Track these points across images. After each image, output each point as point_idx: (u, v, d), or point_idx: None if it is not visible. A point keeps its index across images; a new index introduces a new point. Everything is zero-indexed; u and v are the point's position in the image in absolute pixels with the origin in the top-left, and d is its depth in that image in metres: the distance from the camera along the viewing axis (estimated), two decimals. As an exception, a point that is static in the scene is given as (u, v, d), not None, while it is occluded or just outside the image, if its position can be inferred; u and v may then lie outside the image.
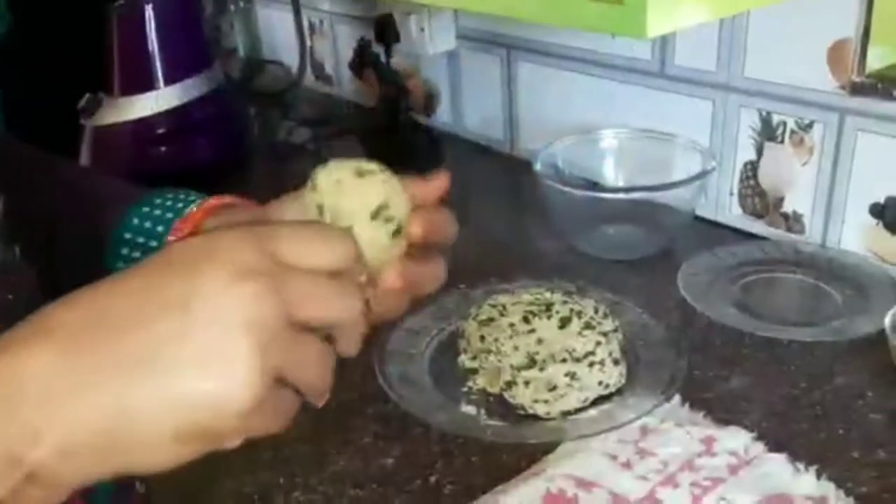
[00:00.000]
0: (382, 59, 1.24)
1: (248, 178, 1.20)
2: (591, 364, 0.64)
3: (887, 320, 0.65)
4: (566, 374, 0.64)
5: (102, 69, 1.13)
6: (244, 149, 1.25)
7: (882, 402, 0.64)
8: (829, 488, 0.55)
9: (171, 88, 1.13)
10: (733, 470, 0.57)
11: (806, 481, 0.56)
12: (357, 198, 0.37)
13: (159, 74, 1.12)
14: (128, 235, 0.48)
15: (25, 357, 0.29)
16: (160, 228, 0.47)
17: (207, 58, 1.18)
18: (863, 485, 0.56)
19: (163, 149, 1.14)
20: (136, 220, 0.48)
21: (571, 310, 0.68)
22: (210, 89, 1.15)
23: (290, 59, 1.51)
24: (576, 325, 0.67)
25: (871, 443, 0.60)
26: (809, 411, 0.63)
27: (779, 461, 0.58)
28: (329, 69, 1.45)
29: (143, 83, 1.12)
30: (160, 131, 1.13)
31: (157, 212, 0.48)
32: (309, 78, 1.49)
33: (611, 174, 0.94)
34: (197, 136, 1.16)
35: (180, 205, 0.48)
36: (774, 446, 0.59)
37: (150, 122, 1.12)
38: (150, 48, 1.11)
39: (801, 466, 0.57)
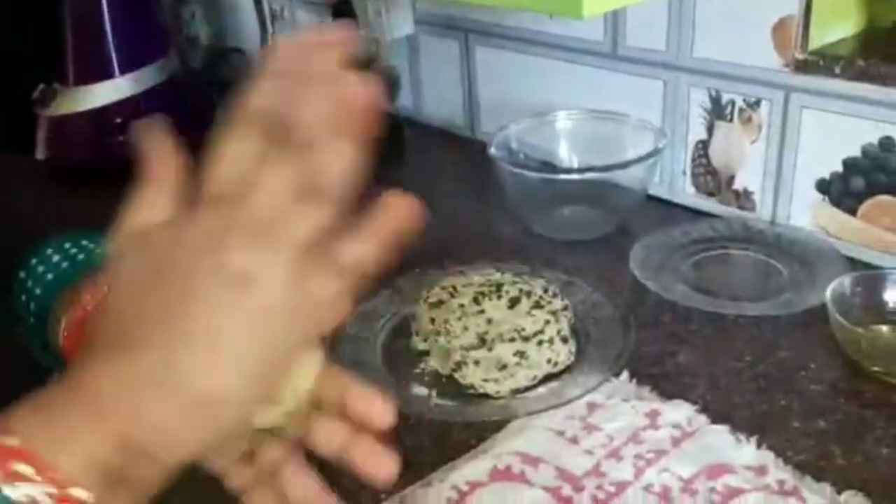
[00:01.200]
0: (342, 44, 1.24)
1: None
2: (540, 343, 0.65)
3: (828, 293, 0.66)
4: (515, 353, 0.64)
5: (56, 59, 1.12)
6: (203, 137, 1.24)
7: (823, 374, 0.65)
8: (768, 457, 0.57)
9: (128, 77, 1.12)
10: (676, 442, 0.58)
11: (746, 451, 0.57)
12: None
13: (115, 63, 1.11)
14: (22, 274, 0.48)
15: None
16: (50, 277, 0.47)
17: (164, 46, 1.17)
18: (801, 453, 0.57)
19: (119, 138, 1.13)
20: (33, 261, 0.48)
21: (521, 290, 0.69)
22: (166, 77, 1.15)
23: (254, 46, 1.50)
24: (525, 304, 0.67)
25: (811, 413, 0.61)
26: (753, 384, 0.65)
27: (720, 432, 0.59)
28: (291, 56, 1.44)
29: (99, 72, 1.11)
30: (117, 121, 1.12)
31: (56, 258, 0.48)
32: (271, 65, 1.49)
33: (565, 155, 0.95)
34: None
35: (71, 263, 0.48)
36: (717, 418, 0.61)
37: (106, 111, 1.12)
38: (106, 37, 1.10)
39: (742, 437, 0.58)
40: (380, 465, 0.39)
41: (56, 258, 0.48)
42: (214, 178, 0.34)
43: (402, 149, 1.20)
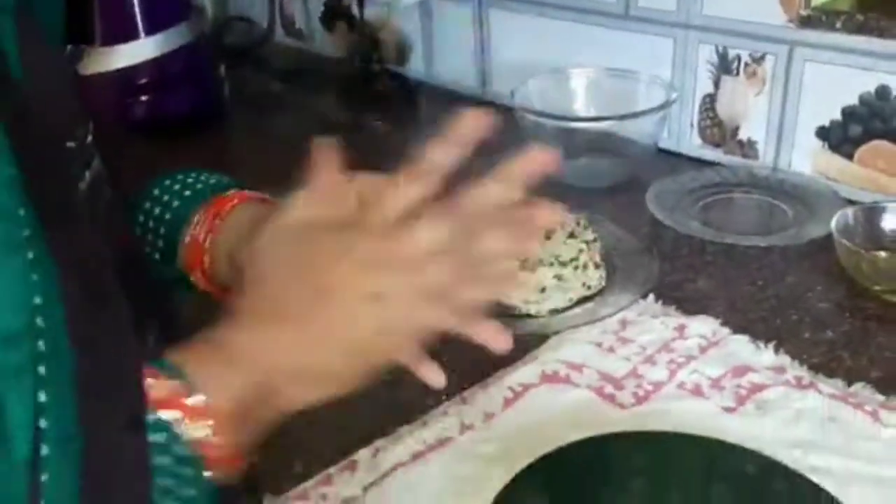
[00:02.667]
0: (355, 11, 1.29)
1: (225, 128, 1.24)
2: (576, 268, 0.72)
3: (833, 223, 0.73)
4: (554, 277, 0.71)
5: (82, 20, 1.15)
6: (221, 100, 1.28)
7: (828, 294, 0.72)
8: (785, 360, 0.64)
9: (152, 38, 1.16)
10: (703, 350, 0.65)
11: (766, 356, 0.64)
12: None
13: (140, 25, 1.15)
14: (146, 205, 0.53)
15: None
16: (176, 203, 0.52)
17: (186, 8, 1.21)
18: (814, 357, 0.64)
19: (143, 98, 1.17)
20: (156, 191, 0.53)
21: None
22: (189, 40, 1.19)
23: (259, 15, 1.54)
24: (560, 234, 0.74)
25: (819, 326, 0.68)
26: (766, 303, 0.72)
27: (741, 341, 0.66)
28: (299, 24, 1.49)
29: (125, 33, 1.14)
30: (141, 81, 1.16)
31: (177, 186, 0.53)
32: (279, 33, 1.53)
33: (581, 109, 1.01)
34: (177, 85, 1.19)
35: (200, 186, 0.53)
36: (738, 331, 0.67)
37: (131, 71, 1.15)
38: (131, -2, 1.13)
39: (761, 345, 0.65)
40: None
41: (177, 186, 0.53)
42: (380, 208, 0.41)
43: (415, 111, 1.25)
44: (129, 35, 1.15)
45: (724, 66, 0.92)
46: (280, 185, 0.90)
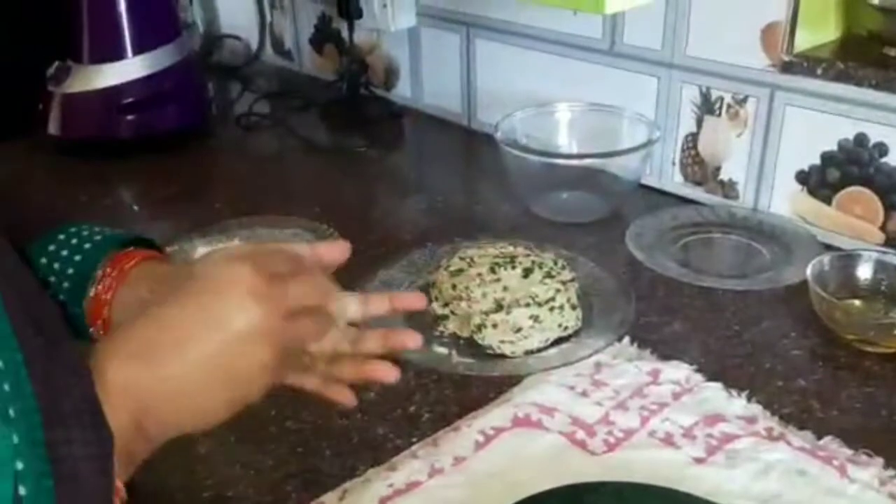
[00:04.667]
0: (344, 34, 1.29)
1: (211, 147, 1.24)
2: (552, 308, 0.72)
3: (809, 270, 0.74)
4: (530, 318, 0.71)
5: (71, 37, 1.15)
6: (207, 118, 1.28)
7: (802, 341, 0.73)
8: (757, 410, 0.64)
9: (140, 58, 1.16)
10: (676, 396, 0.65)
11: (738, 404, 0.64)
12: None
13: (128, 44, 1.15)
14: (45, 257, 0.55)
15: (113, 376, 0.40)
16: (78, 257, 0.55)
17: (175, 28, 1.21)
18: (785, 407, 0.65)
19: (130, 117, 1.17)
20: (55, 243, 0.55)
21: (533, 261, 0.75)
22: (178, 59, 1.19)
23: (249, 33, 1.54)
24: (538, 274, 0.74)
25: (793, 374, 0.69)
26: (741, 349, 0.72)
27: (714, 389, 0.66)
28: (288, 44, 1.49)
29: (113, 52, 1.15)
30: (128, 100, 1.16)
31: (76, 240, 0.55)
32: (268, 53, 1.53)
33: (564, 144, 1.01)
34: (164, 103, 1.19)
35: (100, 238, 0.56)
36: (711, 378, 0.68)
37: (118, 90, 1.15)
38: (120, 18, 1.13)
39: (734, 393, 0.66)
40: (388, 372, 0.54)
41: (76, 240, 0.55)
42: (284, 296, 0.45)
43: (400, 136, 1.25)
44: (118, 54, 1.15)
45: (707, 106, 0.92)
46: (261, 203, 0.90)
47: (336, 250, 0.53)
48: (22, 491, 0.31)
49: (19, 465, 0.31)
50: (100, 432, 0.37)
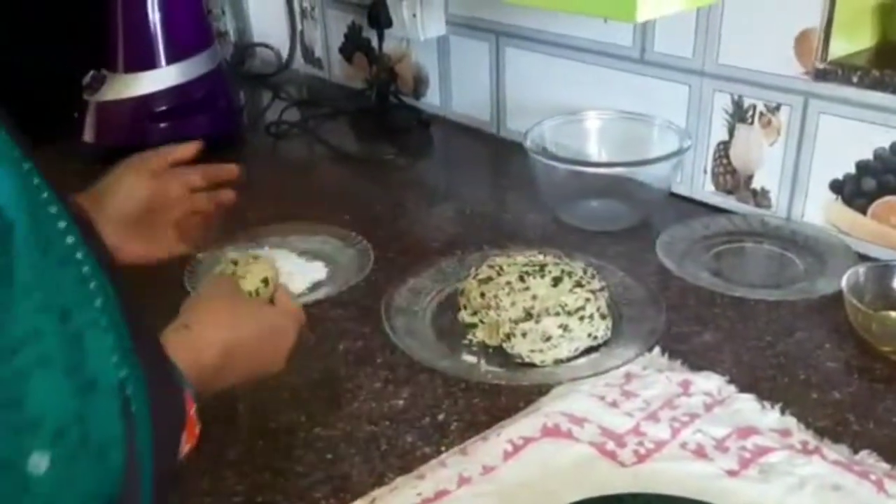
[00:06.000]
0: (374, 43, 1.30)
1: (242, 155, 1.25)
2: (582, 318, 0.71)
3: (844, 280, 0.73)
4: (559, 327, 0.70)
5: (107, 47, 1.17)
6: (238, 126, 1.30)
7: (837, 353, 0.72)
8: (791, 422, 0.63)
9: (173, 67, 1.17)
10: (708, 407, 0.65)
11: (771, 417, 0.63)
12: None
13: (161, 53, 1.16)
14: None
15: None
16: None
17: (208, 38, 1.22)
18: (820, 420, 0.64)
19: (162, 125, 1.19)
20: None
21: (563, 270, 0.75)
22: (211, 68, 1.20)
23: (279, 42, 1.56)
24: (567, 283, 0.73)
25: (827, 386, 0.68)
26: (774, 360, 0.71)
27: (748, 400, 0.65)
28: (319, 53, 1.50)
29: (146, 61, 1.16)
30: (161, 108, 1.18)
31: None
32: (298, 61, 1.54)
33: (594, 152, 1.01)
34: (195, 112, 1.21)
35: None
36: (744, 389, 0.67)
37: (151, 98, 1.17)
38: (154, 28, 1.15)
39: (767, 405, 0.65)
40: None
41: None
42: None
43: (429, 144, 1.26)
44: (152, 63, 1.16)
45: (740, 114, 0.92)
46: (290, 211, 0.91)
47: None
48: (128, 391, 0.34)
49: (123, 372, 0.34)
50: (168, 362, 0.45)
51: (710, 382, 0.67)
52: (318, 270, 0.87)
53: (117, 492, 0.33)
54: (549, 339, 0.70)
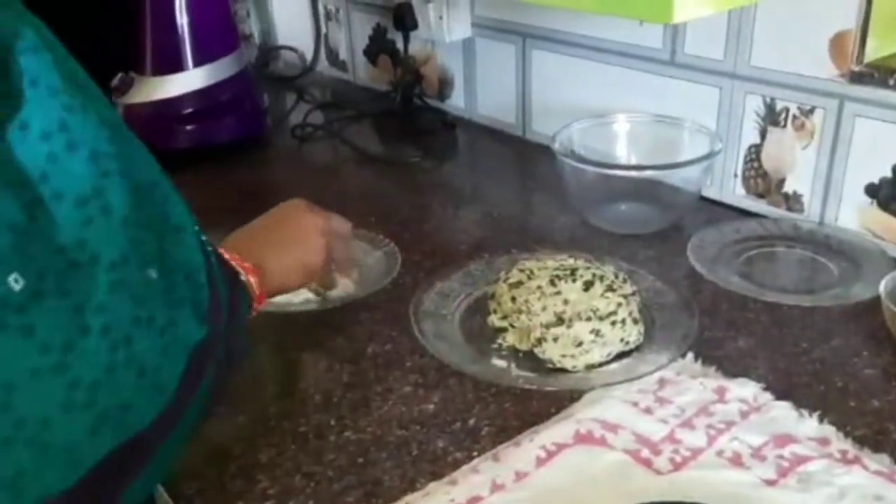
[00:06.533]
0: (399, 45, 1.30)
1: (267, 157, 1.25)
2: (614, 323, 0.70)
3: (882, 286, 0.71)
4: (591, 332, 0.70)
5: (135, 50, 1.17)
6: (264, 129, 1.30)
7: (875, 360, 0.70)
8: (830, 431, 0.62)
9: (200, 70, 1.18)
10: (744, 415, 0.63)
11: (809, 425, 0.62)
12: None
13: (189, 56, 1.17)
14: None
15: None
16: None
17: (234, 40, 1.23)
18: (859, 429, 0.62)
19: (189, 127, 1.19)
20: None
21: (594, 274, 0.74)
22: (236, 70, 1.21)
23: (304, 45, 1.56)
24: (598, 287, 0.73)
25: (865, 394, 0.66)
26: (810, 367, 0.70)
27: (785, 408, 0.64)
28: (343, 55, 1.50)
29: (174, 64, 1.17)
30: (187, 111, 1.18)
31: None
32: (322, 63, 1.55)
33: (623, 155, 1.00)
34: (222, 115, 1.21)
35: None
36: (780, 396, 0.66)
37: (177, 101, 1.17)
38: (182, 31, 1.15)
39: (804, 413, 0.63)
40: None
41: None
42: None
43: (454, 146, 1.25)
44: (179, 66, 1.17)
45: (772, 117, 0.90)
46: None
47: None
48: (202, 236, 0.47)
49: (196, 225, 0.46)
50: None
51: (745, 389, 0.66)
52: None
53: (206, 305, 0.44)
54: (580, 344, 0.69)
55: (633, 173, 0.96)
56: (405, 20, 1.24)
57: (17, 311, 0.34)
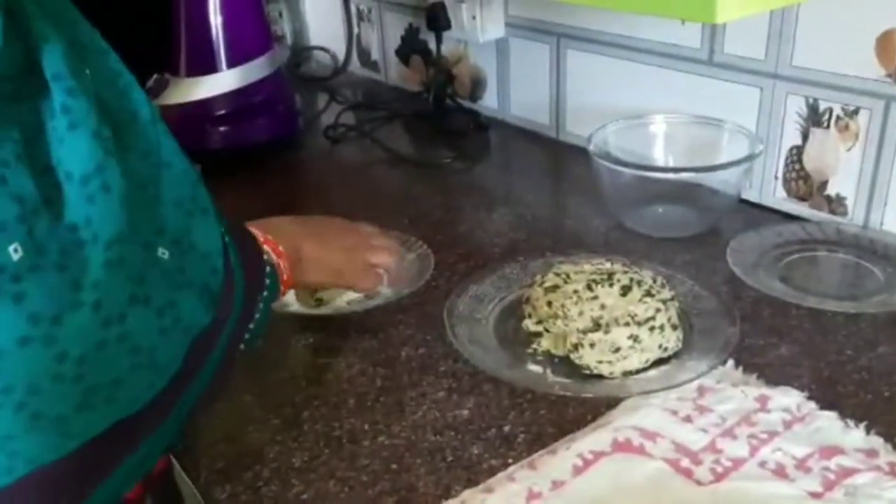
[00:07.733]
0: (431, 45, 1.29)
1: (300, 158, 1.25)
2: (652, 328, 0.69)
3: (931, 293, 0.69)
4: (629, 337, 0.68)
5: (169, 51, 1.18)
6: (296, 130, 1.30)
7: (924, 369, 0.68)
8: (877, 442, 0.60)
9: (233, 71, 1.18)
10: (788, 425, 0.62)
11: (856, 436, 0.60)
12: None
13: (223, 57, 1.17)
14: None
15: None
16: None
17: (267, 41, 1.23)
18: (909, 441, 0.60)
19: (222, 128, 1.20)
20: None
21: (632, 279, 0.73)
22: (269, 72, 1.21)
23: (336, 45, 1.56)
24: (636, 292, 0.71)
25: (915, 405, 0.64)
26: (856, 376, 0.68)
27: (830, 418, 0.62)
28: (375, 55, 1.50)
29: (208, 66, 1.17)
30: (221, 112, 1.18)
31: None
32: (354, 64, 1.55)
33: (660, 157, 0.98)
34: (255, 116, 1.21)
35: None
36: (825, 406, 0.64)
37: (211, 102, 1.18)
38: (216, 32, 1.16)
39: (850, 423, 0.62)
40: None
41: None
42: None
43: (486, 147, 1.24)
44: (213, 67, 1.17)
45: (815, 118, 0.88)
46: (349, 214, 0.93)
47: None
48: (223, 222, 0.48)
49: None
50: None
51: (788, 398, 0.64)
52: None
53: (218, 292, 0.45)
54: (618, 350, 0.68)
55: (670, 175, 0.94)
56: (438, 20, 1.23)
57: (11, 280, 0.35)
